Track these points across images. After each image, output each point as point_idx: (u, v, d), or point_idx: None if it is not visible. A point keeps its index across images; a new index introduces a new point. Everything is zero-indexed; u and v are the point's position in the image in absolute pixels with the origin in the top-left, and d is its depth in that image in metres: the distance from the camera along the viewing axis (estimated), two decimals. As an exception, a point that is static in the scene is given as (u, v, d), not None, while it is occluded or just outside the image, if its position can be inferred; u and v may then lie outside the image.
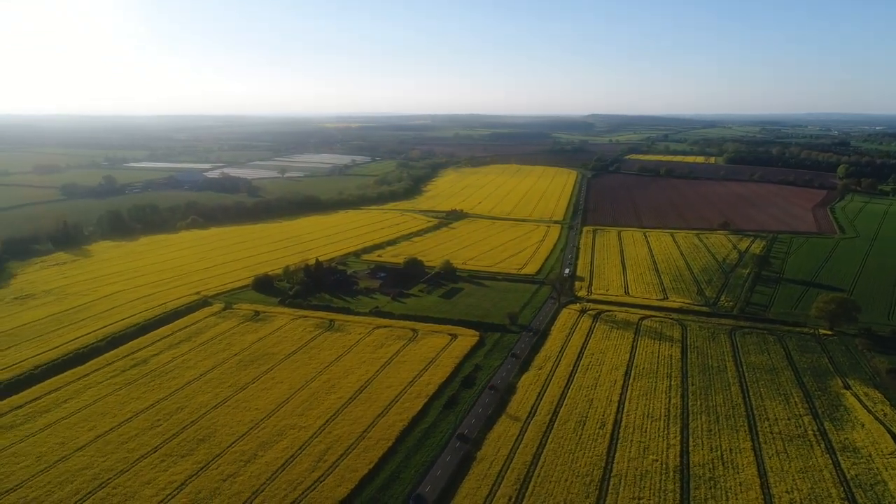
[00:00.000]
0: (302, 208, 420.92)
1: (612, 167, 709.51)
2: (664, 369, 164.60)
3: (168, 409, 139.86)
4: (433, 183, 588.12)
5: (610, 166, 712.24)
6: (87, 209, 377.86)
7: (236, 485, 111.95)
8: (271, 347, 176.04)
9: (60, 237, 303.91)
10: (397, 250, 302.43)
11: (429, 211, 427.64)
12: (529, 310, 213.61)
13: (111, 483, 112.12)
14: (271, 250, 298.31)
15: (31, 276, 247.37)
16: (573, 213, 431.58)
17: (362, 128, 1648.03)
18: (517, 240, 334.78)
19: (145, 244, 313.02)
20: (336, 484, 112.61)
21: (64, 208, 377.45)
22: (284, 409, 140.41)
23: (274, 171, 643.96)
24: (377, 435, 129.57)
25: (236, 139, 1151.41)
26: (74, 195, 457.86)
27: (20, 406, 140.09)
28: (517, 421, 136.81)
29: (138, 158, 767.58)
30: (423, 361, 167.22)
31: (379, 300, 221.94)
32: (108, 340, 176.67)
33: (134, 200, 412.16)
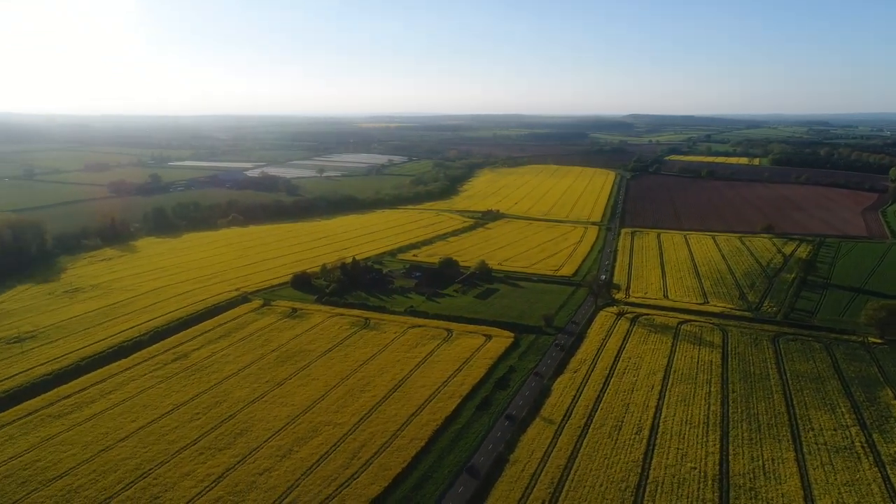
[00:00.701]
0: (339, 207, 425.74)
1: (652, 168, 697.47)
2: (704, 375, 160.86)
3: (207, 402, 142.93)
4: (469, 183, 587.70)
5: (649, 167, 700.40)
6: (133, 206, 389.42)
7: (272, 479, 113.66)
8: (308, 344, 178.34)
9: (108, 233, 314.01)
10: (433, 250, 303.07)
11: (465, 211, 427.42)
12: (565, 312, 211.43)
13: (152, 473, 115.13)
14: (309, 248, 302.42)
15: (79, 271, 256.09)
16: (611, 214, 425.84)
17: (400, 128, 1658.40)
18: (554, 241, 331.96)
19: (188, 241, 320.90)
20: (369, 482, 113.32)
21: (112, 205, 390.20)
22: (320, 405, 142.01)
23: (312, 170, 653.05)
24: (410, 434, 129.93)
25: (276, 139, 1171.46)
26: (122, 192, 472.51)
27: (68, 396, 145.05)
28: (551, 424, 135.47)
29: (182, 157, 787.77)
30: (457, 362, 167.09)
31: (414, 299, 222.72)
32: (152, 334, 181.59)
33: (178, 198, 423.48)
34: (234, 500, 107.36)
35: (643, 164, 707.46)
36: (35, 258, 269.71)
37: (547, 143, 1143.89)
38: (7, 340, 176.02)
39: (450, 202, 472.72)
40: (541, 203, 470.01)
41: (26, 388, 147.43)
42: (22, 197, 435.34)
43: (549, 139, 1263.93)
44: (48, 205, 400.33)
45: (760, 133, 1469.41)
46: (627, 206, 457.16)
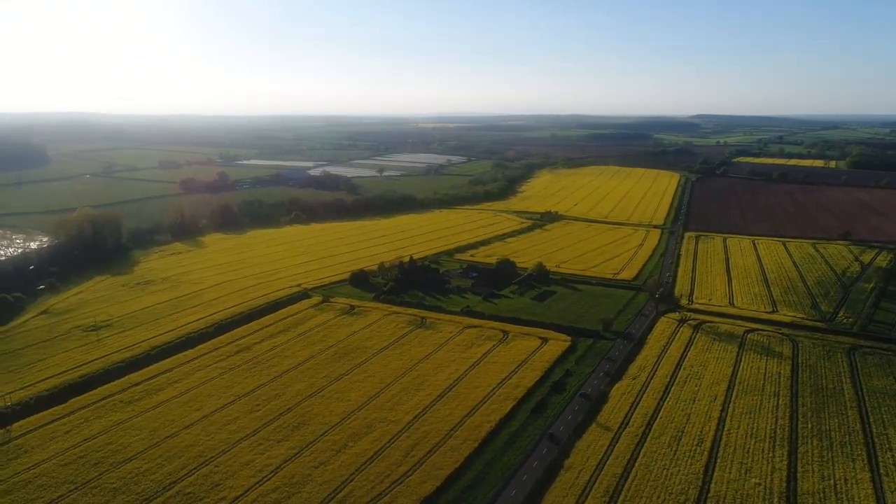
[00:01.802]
0: (398, 207, 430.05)
1: (719, 170, 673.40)
2: (771, 387, 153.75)
3: (267, 394, 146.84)
4: (528, 184, 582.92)
5: (716, 169, 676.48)
6: (202, 203, 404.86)
7: (327, 473, 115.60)
8: (364, 341, 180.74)
9: (178, 229, 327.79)
10: (490, 250, 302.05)
11: (523, 212, 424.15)
12: (625, 316, 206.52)
13: (214, 461, 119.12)
14: (367, 247, 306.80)
15: (151, 264, 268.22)
16: (674, 217, 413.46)
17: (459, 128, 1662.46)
18: (614, 244, 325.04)
19: (252, 237, 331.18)
20: (422, 480, 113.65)
21: (182, 202, 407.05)
22: (375, 402, 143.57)
23: (372, 169, 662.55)
24: (464, 435, 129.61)
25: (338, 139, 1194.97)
26: (191, 190, 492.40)
27: (138, 383, 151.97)
28: (608, 431, 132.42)
29: (249, 156, 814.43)
30: (512, 364, 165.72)
31: (470, 300, 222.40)
32: (216, 327, 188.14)
33: (243, 196, 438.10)
34: (290, 492, 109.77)
35: (709, 166, 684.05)
36: (111, 251, 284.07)
37: (608, 144, 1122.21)
38: (85, 328, 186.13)
39: (507, 203, 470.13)
40: (601, 205, 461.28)
41: (101, 374, 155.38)
42: (101, 193, 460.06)
43: (610, 140, 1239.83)
44: (124, 201, 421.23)
45: (838, 134, 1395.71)
46: (692, 210, 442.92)
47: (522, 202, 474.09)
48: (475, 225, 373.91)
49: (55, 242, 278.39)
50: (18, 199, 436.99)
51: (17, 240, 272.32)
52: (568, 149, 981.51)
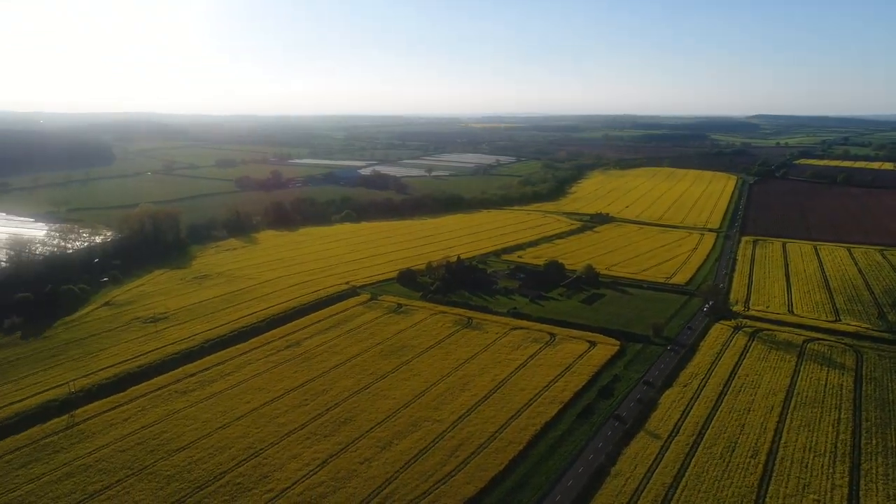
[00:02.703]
0: (446, 206, 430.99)
1: (779, 172, 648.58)
2: (832, 399, 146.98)
3: (315, 389, 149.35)
4: (578, 185, 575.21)
5: (776, 171, 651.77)
6: (256, 200, 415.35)
7: (372, 469, 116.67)
8: (411, 340, 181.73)
9: (233, 225, 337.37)
10: (538, 252, 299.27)
11: (572, 213, 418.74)
12: (676, 322, 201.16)
13: (263, 453, 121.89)
14: (415, 246, 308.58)
15: (207, 259, 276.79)
16: (731, 221, 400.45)
17: (509, 128, 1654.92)
18: (666, 247, 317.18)
19: (303, 234, 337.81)
20: (465, 481, 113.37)
21: (237, 199, 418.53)
22: (420, 401, 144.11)
23: (422, 169, 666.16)
24: (508, 437, 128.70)
25: (388, 139, 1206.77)
26: (246, 187, 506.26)
27: (192, 374, 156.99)
28: (657, 438, 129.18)
29: (301, 155, 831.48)
30: (559, 367, 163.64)
31: (517, 301, 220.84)
32: (267, 321, 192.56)
33: (296, 194, 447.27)
34: (336, 486, 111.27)
35: (768, 169, 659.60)
36: (171, 246, 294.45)
37: (662, 145, 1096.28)
38: (144, 320, 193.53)
39: (557, 204, 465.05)
40: (653, 207, 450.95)
41: (158, 364, 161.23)
42: (162, 190, 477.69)
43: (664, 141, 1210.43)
44: (184, 197, 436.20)
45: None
46: (749, 213, 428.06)
47: (572, 203, 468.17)
48: (523, 226, 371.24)
49: (118, 237, 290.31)
50: (86, 194, 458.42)
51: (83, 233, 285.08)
52: (620, 149, 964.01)
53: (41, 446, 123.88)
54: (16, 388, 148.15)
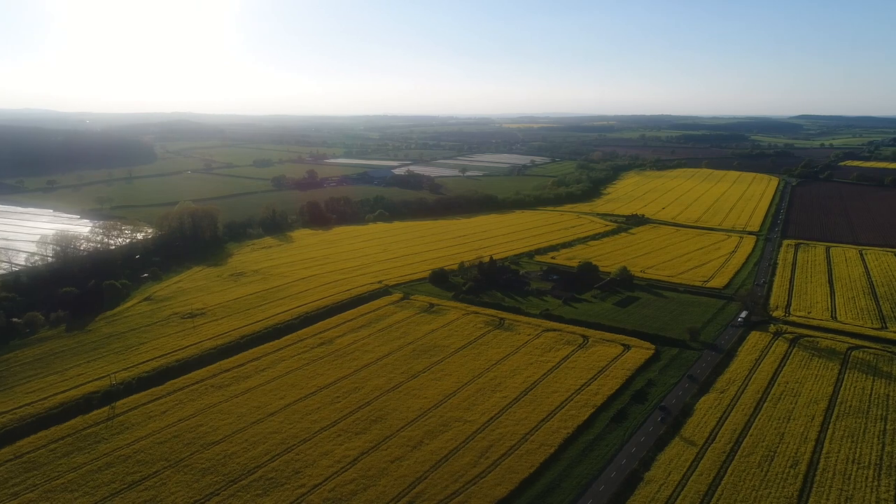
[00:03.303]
0: (479, 206, 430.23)
1: (823, 174, 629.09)
2: (878, 410, 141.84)
3: (347, 387, 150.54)
4: (613, 186, 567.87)
5: (820, 173, 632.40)
6: (292, 199, 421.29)
7: (402, 468, 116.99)
8: (442, 340, 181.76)
9: (269, 224, 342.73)
10: (572, 253, 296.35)
11: (607, 214, 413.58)
12: (713, 327, 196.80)
13: (295, 449, 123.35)
14: (448, 246, 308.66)
15: (243, 257, 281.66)
16: (771, 224, 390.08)
17: (544, 128, 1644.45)
18: (704, 250, 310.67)
19: (337, 233, 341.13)
20: (496, 482, 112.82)
21: (273, 198, 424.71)
22: (451, 401, 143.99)
23: (455, 169, 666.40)
24: (540, 439, 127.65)
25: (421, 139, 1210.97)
26: (282, 186, 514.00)
27: (228, 370, 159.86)
28: (692, 445, 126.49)
29: (336, 155, 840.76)
30: (591, 370, 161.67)
31: (550, 302, 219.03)
32: (302, 319, 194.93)
33: (330, 193, 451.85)
34: (366, 484, 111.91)
35: (812, 170, 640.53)
36: (208, 243, 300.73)
37: (700, 146, 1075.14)
38: (182, 316, 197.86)
39: (592, 205, 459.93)
40: (691, 209, 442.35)
41: (195, 359, 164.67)
42: (201, 188, 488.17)
43: (702, 141, 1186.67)
44: (221, 196, 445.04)
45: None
46: (791, 216, 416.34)
47: (607, 204, 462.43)
48: (557, 227, 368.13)
49: (159, 234, 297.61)
50: (128, 192, 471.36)
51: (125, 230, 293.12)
52: (657, 150, 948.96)
53: (83, 436, 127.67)
54: (61, 378, 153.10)
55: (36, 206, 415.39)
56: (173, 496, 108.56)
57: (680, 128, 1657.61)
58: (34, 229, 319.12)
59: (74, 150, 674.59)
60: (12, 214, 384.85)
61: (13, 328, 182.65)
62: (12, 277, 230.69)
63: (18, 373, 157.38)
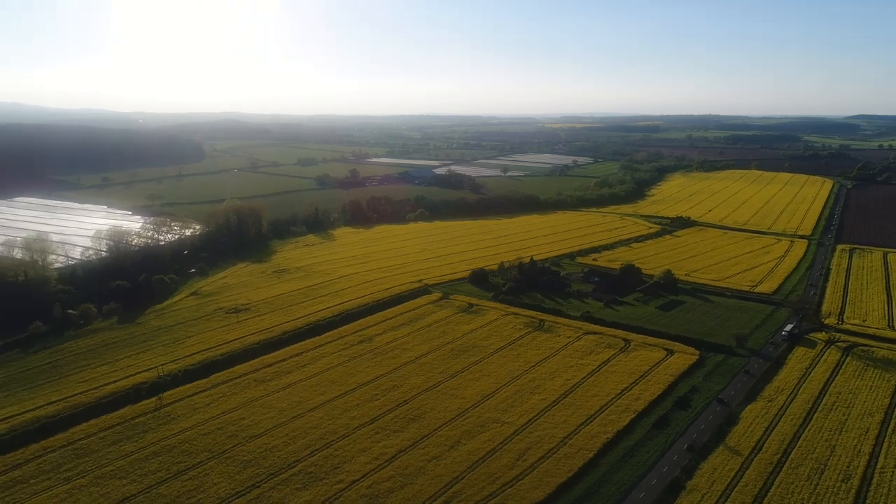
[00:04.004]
0: (520, 207, 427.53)
1: (881, 177, 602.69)
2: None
3: (386, 385, 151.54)
4: (658, 187, 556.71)
5: (877, 176, 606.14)
6: (334, 198, 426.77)
7: (439, 467, 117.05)
8: (481, 340, 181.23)
9: (312, 222, 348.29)
10: (614, 255, 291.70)
11: (651, 216, 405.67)
12: (762, 333, 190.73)
13: (334, 445, 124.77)
14: (488, 246, 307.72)
15: (287, 254, 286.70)
16: (824, 228, 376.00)
17: (587, 128, 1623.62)
18: (752, 254, 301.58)
19: (378, 232, 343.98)
20: (533, 486, 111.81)
21: (316, 196, 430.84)
22: (489, 402, 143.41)
23: (497, 169, 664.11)
24: (579, 443, 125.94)
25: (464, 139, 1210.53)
26: (325, 185, 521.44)
27: (270, 365, 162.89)
28: (737, 455, 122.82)
29: (378, 155, 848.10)
30: (633, 374, 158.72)
31: (591, 305, 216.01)
32: (342, 316, 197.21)
33: (372, 192, 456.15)
34: (403, 482, 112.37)
35: (869, 173, 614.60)
36: (253, 240, 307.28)
37: (750, 147, 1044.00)
38: (227, 311, 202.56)
39: (635, 206, 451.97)
40: (739, 212, 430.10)
41: (238, 353, 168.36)
42: (246, 186, 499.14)
43: (752, 142, 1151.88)
44: (266, 194, 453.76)
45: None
46: (846, 220, 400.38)
47: (651, 206, 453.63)
48: (599, 228, 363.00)
49: (206, 230, 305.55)
50: (178, 190, 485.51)
51: (175, 227, 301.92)
52: (704, 151, 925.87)
53: (132, 425, 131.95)
54: (112, 369, 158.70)
55: (91, 202, 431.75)
56: (216, 487, 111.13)
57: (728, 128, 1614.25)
58: (89, 225, 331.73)
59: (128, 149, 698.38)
60: (69, 210, 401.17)
61: (69, 319, 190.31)
62: (68, 271, 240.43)
63: (72, 362, 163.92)
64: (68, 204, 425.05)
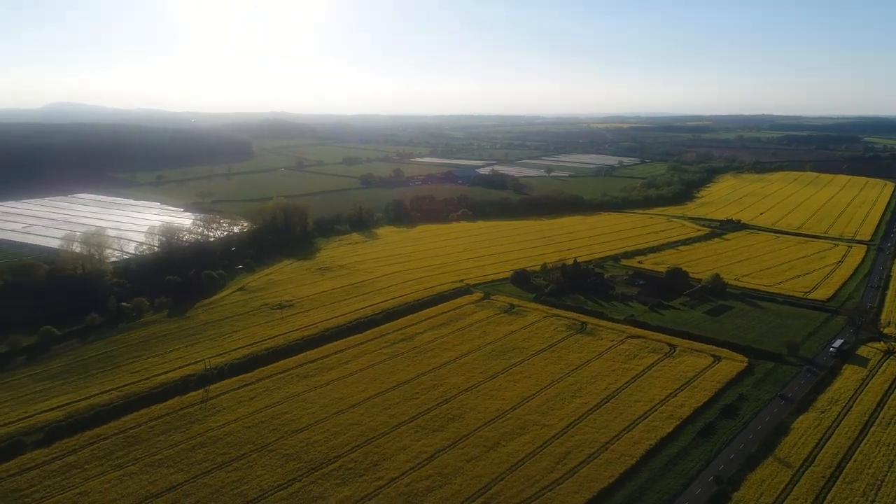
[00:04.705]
0: (564, 207, 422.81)
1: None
2: None
3: (426, 384, 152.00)
4: (707, 189, 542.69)
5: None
6: (378, 197, 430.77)
7: (478, 468, 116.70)
8: (522, 342, 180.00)
9: (355, 220, 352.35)
10: (660, 258, 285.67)
11: (700, 219, 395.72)
12: (815, 341, 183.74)
13: (374, 442, 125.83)
14: (531, 247, 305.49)
15: (331, 252, 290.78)
16: (885, 233, 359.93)
17: (633, 128, 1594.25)
18: (806, 259, 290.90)
19: (421, 231, 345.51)
20: (573, 490, 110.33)
21: (360, 196, 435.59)
22: (529, 404, 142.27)
23: (540, 169, 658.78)
24: (620, 449, 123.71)
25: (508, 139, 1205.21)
26: (369, 184, 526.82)
27: (313, 361, 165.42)
28: (787, 467, 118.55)
29: (422, 154, 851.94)
30: (678, 380, 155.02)
31: (635, 308, 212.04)
32: (384, 314, 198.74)
33: (415, 192, 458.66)
34: (442, 482, 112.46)
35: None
36: (298, 238, 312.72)
37: (805, 148, 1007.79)
38: (272, 306, 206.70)
39: (683, 208, 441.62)
40: (793, 215, 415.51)
41: (283, 348, 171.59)
42: (293, 185, 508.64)
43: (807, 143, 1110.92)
44: (312, 193, 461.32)
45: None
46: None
47: (700, 208, 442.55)
48: (645, 230, 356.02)
49: (253, 227, 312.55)
50: (227, 187, 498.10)
51: (223, 223, 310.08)
52: (756, 152, 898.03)
53: (180, 416, 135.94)
54: (162, 361, 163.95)
55: (146, 199, 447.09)
56: (258, 479, 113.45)
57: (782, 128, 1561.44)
58: (144, 220, 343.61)
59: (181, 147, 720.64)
60: (125, 206, 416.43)
61: (123, 312, 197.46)
62: (123, 265, 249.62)
63: (125, 353, 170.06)
64: (124, 200, 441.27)
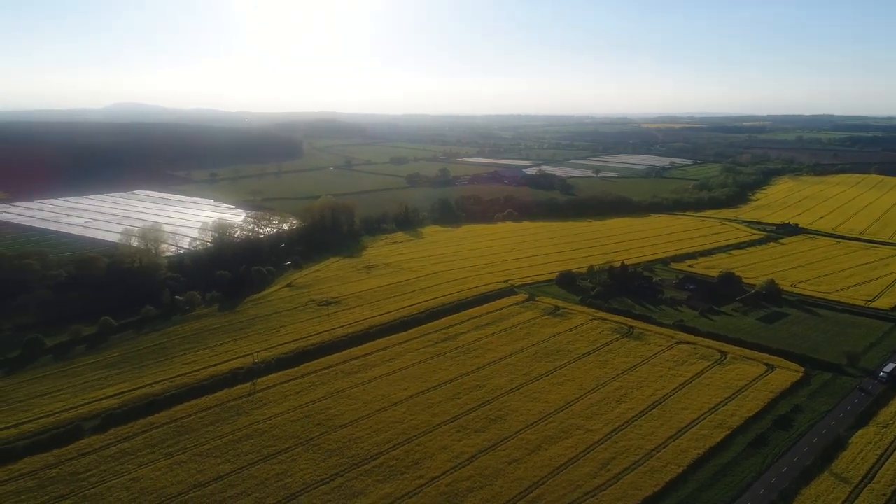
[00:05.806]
0: (612, 209, 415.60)
1: None
2: None
3: (468, 384, 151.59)
4: (763, 191, 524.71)
5: None
6: (424, 196, 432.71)
7: (519, 471, 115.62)
8: (567, 344, 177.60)
9: (401, 219, 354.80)
10: (712, 262, 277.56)
11: (754, 222, 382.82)
12: (877, 352, 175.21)
13: (416, 440, 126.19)
14: (577, 248, 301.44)
15: (377, 251, 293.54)
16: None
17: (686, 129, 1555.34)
18: (869, 265, 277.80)
19: (466, 231, 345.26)
20: (616, 497, 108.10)
21: (406, 195, 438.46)
22: (573, 408, 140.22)
23: (588, 170, 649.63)
24: (666, 457, 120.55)
25: (554, 138, 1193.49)
26: (416, 184, 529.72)
27: (357, 357, 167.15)
28: (845, 483, 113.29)
29: (469, 154, 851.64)
30: (728, 389, 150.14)
31: (684, 313, 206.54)
32: (428, 313, 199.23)
33: (461, 191, 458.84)
34: (482, 483, 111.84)
35: None
36: (345, 236, 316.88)
37: (869, 149, 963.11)
38: (318, 303, 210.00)
39: (737, 211, 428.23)
40: (855, 219, 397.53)
41: (328, 344, 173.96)
42: (341, 183, 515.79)
43: (872, 144, 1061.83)
44: (359, 191, 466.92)
45: None
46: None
47: (755, 211, 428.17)
48: (696, 233, 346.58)
49: (302, 225, 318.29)
50: (277, 185, 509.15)
51: (273, 221, 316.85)
52: (816, 153, 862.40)
53: (228, 408, 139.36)
54: (212, 353, 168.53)
55: (200, 195, 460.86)
56: (302, 472, 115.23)
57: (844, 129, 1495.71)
58: (197, 217, 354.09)
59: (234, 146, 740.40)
60: (181, 203, 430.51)
61: (176, 305, 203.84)
62: (177, 259, 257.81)
63: (178, 345, 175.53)
64: (179, 197, 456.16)
